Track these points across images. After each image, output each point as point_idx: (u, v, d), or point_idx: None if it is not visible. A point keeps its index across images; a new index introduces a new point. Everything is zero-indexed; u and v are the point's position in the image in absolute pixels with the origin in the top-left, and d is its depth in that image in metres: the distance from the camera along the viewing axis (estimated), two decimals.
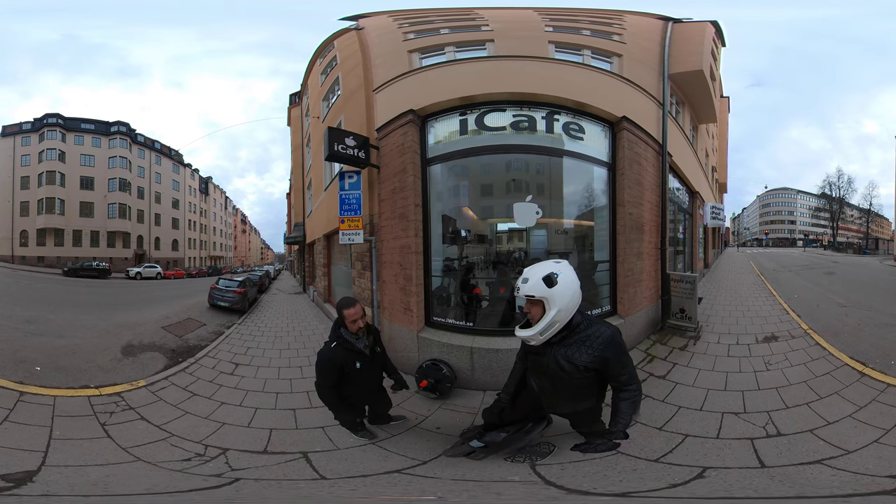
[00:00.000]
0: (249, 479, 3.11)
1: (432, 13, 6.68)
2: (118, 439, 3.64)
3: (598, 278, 5.84)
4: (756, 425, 3.56)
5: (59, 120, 41.86)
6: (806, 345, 5.47)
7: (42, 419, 3.83)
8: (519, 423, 3.22)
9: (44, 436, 3.55)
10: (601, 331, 2.65)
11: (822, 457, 3.02)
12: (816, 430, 3.40)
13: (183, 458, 3.40)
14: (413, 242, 5.33)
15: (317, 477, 3.15)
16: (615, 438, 2.65)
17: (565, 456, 3.16)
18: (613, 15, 6.76)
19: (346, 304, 3.38)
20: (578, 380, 2.66)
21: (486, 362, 4.85)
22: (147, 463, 3.31)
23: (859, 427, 3.41)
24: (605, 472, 2.98)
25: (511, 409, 3.21)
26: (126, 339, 7.03)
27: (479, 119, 5.42)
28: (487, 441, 3.25)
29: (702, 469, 2.97)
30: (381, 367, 3.74)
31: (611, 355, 2.61)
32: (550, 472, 3.01)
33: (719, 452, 3.21)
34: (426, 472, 3.16)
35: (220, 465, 3.33)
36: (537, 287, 2.55)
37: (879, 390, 4.02)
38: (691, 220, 11.50)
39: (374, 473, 3.16)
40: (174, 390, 5.00)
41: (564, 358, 2.65)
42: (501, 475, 3.00)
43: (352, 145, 5.77)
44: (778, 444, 3.26)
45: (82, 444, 3.52)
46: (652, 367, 5.11)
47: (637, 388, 2.65)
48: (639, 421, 3.62)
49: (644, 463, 3.10)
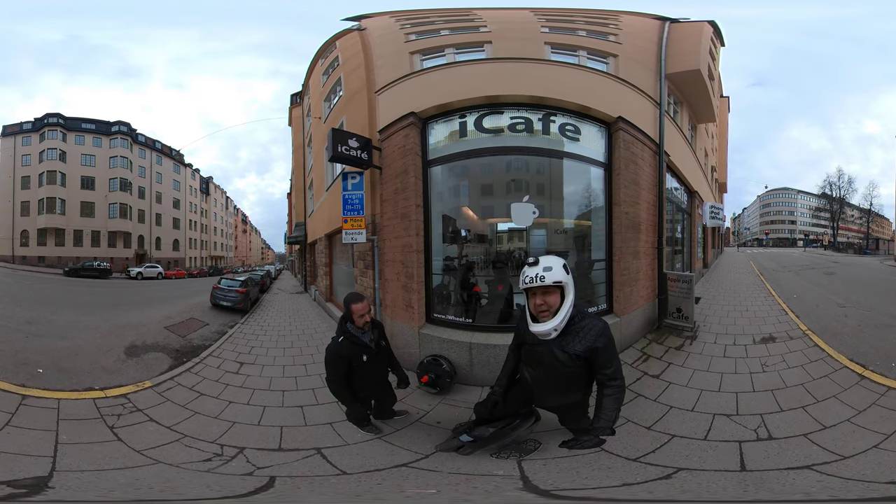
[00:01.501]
0: (283, 476, 3.10)
1: (433, 13, 6.75)
2: (130, 442, 3.57)
3: (595, 277, 5.91)
4: (747, 428, 3.51)
5: (59, 120, 41.96)
6: (804, 346, 5.38)
7: (47, 423, 3.72)
8: (507, 420, 3.30)
9: (49, 440, 3.44)
10: (593, 323, 2.78)
11: (812, 462, 2.95)
12: (811, 435, 3.31)
13: (203, 459, 3.36)
14: (414, 241, 5.43)
15: (339, 472, 3.18)
16: (600, 435, 2.70)
17: (550, 452, 3.21)
18: (609, 15, 6.81)
19: (355, 300, 3.51)
20: (570, 369, 2.77)
21: (485, 358, 4.94)
22: (169, 465, 3.23)
23: (858, 432, 3.31)
24: (580, 469, 3.00)
25: (503, 403, 3.30)
26: (129, 340, 6.99)
27: (477, 121, 5.50)
28: (476, 436, 3.33)
29: (675, 470, 2.95)
30: (387, 361, 3.84)
31: (601, 346, 2.71)
32: (533, 466, 3.07)
33: (701, 454, 3.19)
34: (429, 466, 3.22)
35: (243, 464, 3.31)
36: (560, 274, 2.65)
37: (880, 394, 3.90)
38: (690, 219, 11.54)
39: (386, 468, 3.22)
40: (181, 391, 4.97)
41: (559, 347, 2.76)
42: (488, 469, 3.07)
43: (355, 146, 5.86)
44: (767, 447, 3.21)
45: (93, 448, 3.41)
46: (647, 367, 5.10)
47: (621, 384, 2.73)
48: (630, 420, 3.68)
49: (622, 461, 3.11)
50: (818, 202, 61.49)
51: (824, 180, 65.52)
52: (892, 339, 5.41)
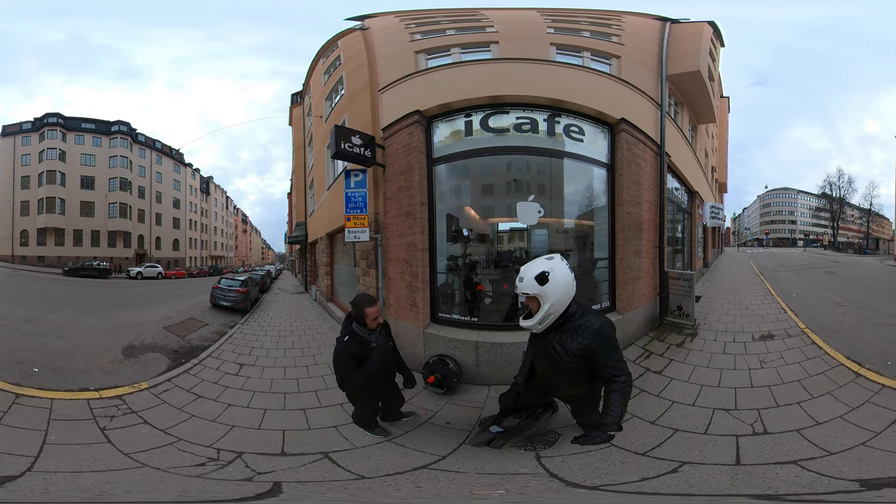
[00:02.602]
0: (290, 481, 3.01)
1: (439, 14, 6.77)
2: (119, 444, 3.47)
3: (598, 275, 5.96)
4: (744, 422, 3.57)
5: (59, 119, 41.89)
6: (802, 344, 5.45)
7: (37, 423, 3.66)
8: (529, 409, 3.40)
9: (37, 440, 3.37)
10: (591, 321, 2.85)
11: (799, 457, 3.00)
12: (803, 430, 3.37)
13: (196, 463, 3.26)
14: (419, 240, 5.44)
15: (356, 476, 3.11)
16: (608, 430, 2.76)
17: (566, 448, 3.24)
18: (612, 16, 6.86)
19: (369, 303, 3.46)
20: (568, 364, 2.87)
21: (491, 356, 4.96)
22: (155, 469, 3.13)
23: (848, 429, 3.36)
24: (597, 464, 3.05)
25: (526, 392, 3.39)
26: (127, 340, 6.89)
27: (483, 121, 5.53)
28: (505, 426, 3.39)
29: (680, 464, 3.01)
30: (394, 362, 3.79)
31: (597, 346, 2.78)
32: (553, 463, 3.11)
33: (702, 448, 3.24)
34: (450, 467, 3.20)
35: (241, 469, 3.22)
36: (530, 285, 2.80)
37: (874, 391, 3.96)
38: (690, 219, 11.59)
39: (406, 470, 3.16)
40: (178, 392, 4.86)
41: (559, 343, 2.88)
42: (515, 468, 3.09)
43: (358, 144, 5.86)
44: (762, 442, 3.27)
45: (78, 450, 3.33)
46: (649, 363, 5.19)
47: (626, 380, 2.78)
48: (635, 415, 3.73)
49: (632, 456, 3.16)
50: (818, 202, 61.57)
51: (824, 180, 65.67)
52: (889, 338, 5.46)
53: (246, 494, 2.86)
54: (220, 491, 2.91)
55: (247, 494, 2.86)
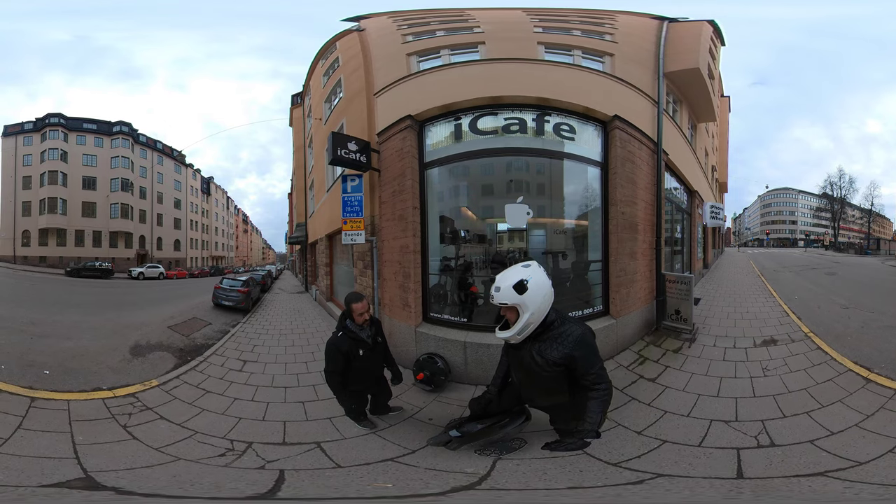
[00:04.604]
0: (290, 469, 3.19)
1: (429, 14, 6.76)
2: (146, 440, 3.59)
3: (592, 278, 5.85)
4: (747, 434, 3.38)
5: (61, 120, 42.03)
6: (807, 349, 5.22)
7: (59, 425, 3.72)
8: (497, 417, 3.36)
9: (66, 442, 3.42)
10: (572, 329, 2.79)
11: (825, 469, 2.82)
12: (817, 441, 3.17)
13: (218, 454, 3.42)
14: (411, 242, 5.47)
15: (334, 465, 3.29)
16: (585, 437, 2.72)
17: (531, 452, 3.19)
18: (605, 15, 6.78)
19: (355, 299, 3.71)
20: (549, 373, 2.80)
21: (479, 357, 4.97)
22: (190, 461, 3.27)
23: (868, 437, 3.16)
24: (552, 469, 2.95)
25: (497, 401, 3.36)
26: (133, 340, 7.02)
27: (472, 123, 5.52)
28: (464, 431, 3.39)
29: (653, 476, 2.86)
30: (383, 357, 4.00)
31: (578, 354, 2.72)
32: (504, 465, 3.08)
33: (691, 461, 3.07)
34: (413, 461, 3.30)
35: (254, 458, 3.39)
36: (508, 295, 2.71)
37: (887, 397, 3.77)
38: (690, 219, 11.52)
39: (374, 461, 3.32)
40: (187, 388, 5.05)
41: (538, 352, 2.80)
42: (460, 468, 3.09)
43: (354, 150, 5.93)
44: (770, 454, 3.07)
45: (112, 448, 3.40)
46: (642, 370, 4.98)
47: (606, 388, 2.73)
48: (620, 424, 3.64)
49: (600, 465, 3.04)
50: (819, 202, 61.32)
51: (825, 180, 65.50)
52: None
53: (267, 483, 2.97)
54: (255, 479, 3.04)
55: (268, 483, 2.97)
